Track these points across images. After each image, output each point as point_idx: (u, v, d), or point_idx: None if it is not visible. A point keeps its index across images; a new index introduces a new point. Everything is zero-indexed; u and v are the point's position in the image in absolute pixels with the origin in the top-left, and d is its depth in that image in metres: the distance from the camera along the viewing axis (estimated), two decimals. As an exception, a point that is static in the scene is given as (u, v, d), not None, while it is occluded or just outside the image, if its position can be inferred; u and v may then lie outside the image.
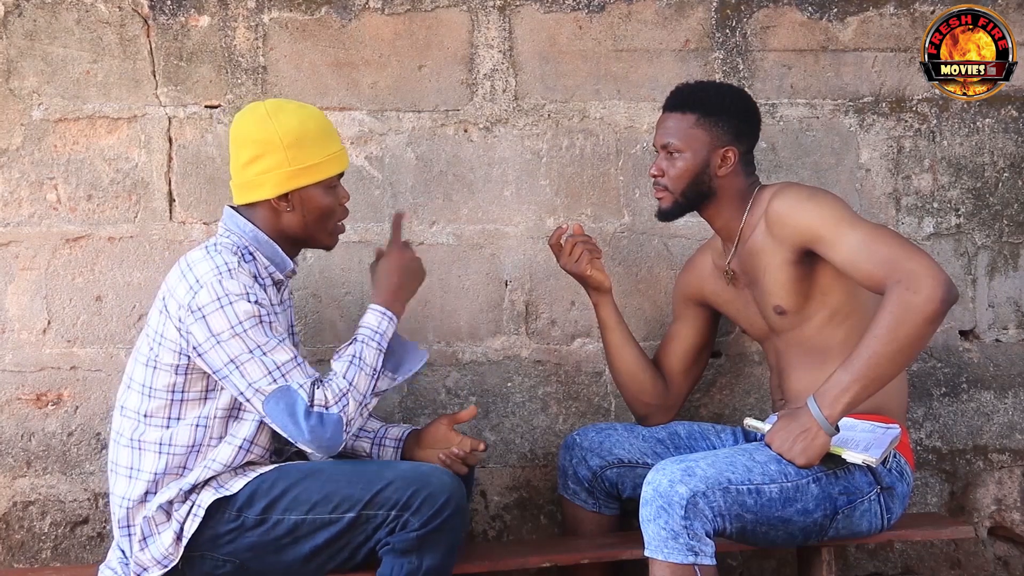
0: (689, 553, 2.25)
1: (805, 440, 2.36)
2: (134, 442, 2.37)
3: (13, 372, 2.87)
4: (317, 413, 2.27)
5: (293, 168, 2.36)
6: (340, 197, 2.45)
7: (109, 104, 2.90)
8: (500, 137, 2.99)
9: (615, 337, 2.77)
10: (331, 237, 2.48)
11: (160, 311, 2.36)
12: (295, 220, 2.40)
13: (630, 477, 2.71)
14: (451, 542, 2.31)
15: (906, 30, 3.07)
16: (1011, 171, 3.11)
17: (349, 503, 2.29)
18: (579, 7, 3.00)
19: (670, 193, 2.61)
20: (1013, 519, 3.11)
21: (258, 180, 2.38)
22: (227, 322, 2.27)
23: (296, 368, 2.30)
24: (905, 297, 2.28)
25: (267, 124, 2.36)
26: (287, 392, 2.28)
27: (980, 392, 3.10)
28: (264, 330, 2.29)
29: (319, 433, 2.27)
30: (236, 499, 2.31)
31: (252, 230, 2.40)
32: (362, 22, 2.96)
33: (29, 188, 2.88)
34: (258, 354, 2.28)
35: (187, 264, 2.35)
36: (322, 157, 2.39)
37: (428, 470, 2.33)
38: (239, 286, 2.29)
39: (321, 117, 2.44)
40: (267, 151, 2.36)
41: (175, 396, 2.35)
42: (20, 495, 2.88)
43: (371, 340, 2.39)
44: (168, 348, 2.33)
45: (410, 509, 2.27)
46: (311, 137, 2.38)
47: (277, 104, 2.43)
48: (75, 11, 2.89)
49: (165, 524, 2.33)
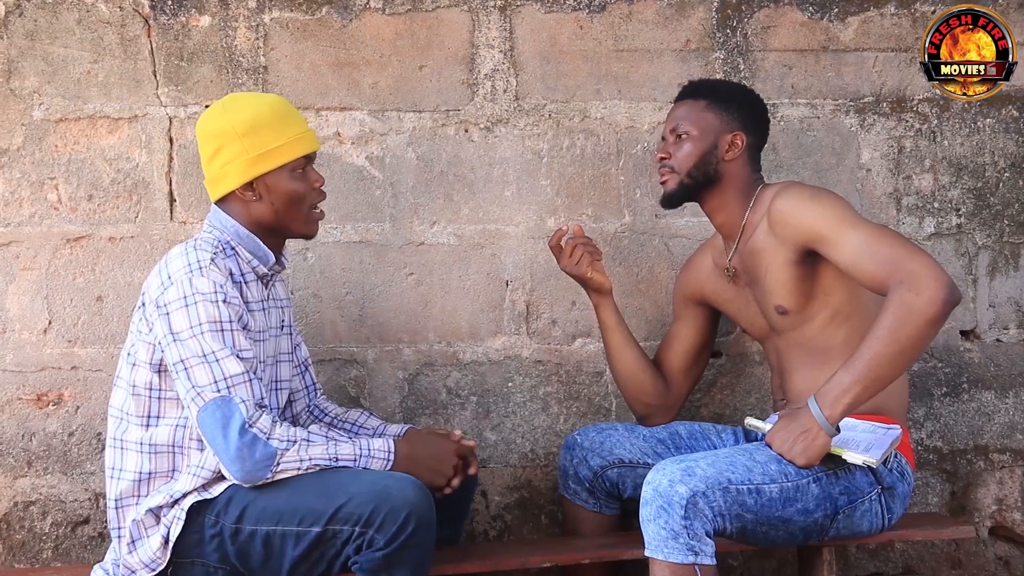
0: (689, 553, 2.25)
1: (806, 440, 2.35)
2: (116, 441, 2.36)
3: (14, 372, 2.87)
4: (253, 434, 2.21)
5: (251, 155, 2.33)
6: (311, 181, 2.40)
7: (110, 104, 2.90)
8: (501, 137, 2.99)
9: (616, 338, 2.76)
10: (307, 225, 2.43)
11: (138, 306, 2.36)
12: (264, 209, 2.37)
13: (631, 477, 2.71)
14: (418, 558, 2.23)
15: (907, 30, 3.07)
16: (1012, 171, 3.11)
17: (313, 517, 2.23)
18: (580, 7, 3.00)
19: (676, 174, 2.60)
20: (1014, 519, 3.11)
21: (221, 173, 2.36)
22: (187, 321, 2.24)
23: (244, 384, 2.24)
24: (907, 298, 2.27)
25: (222, 117, 2.35)
26: (227, 403, 2.22)
27: (981, 392, 3.10)
28: (222, 337, 2.24)
29: (246, 454, 2.20)
30: (216, 503, 2.28)
31: (233, 224, 2.38)
32: (363, 22, 2.96)
33: (30, 188, 2.88)
34: (210, 359, 2.23)
35: (165, 260, 2.33)
36: (281, 141, 2.35)
37: (391, 484, 2.23)
38: (209, 284, 2.26)
39: (277, 102, 2.41)
40: (224, 142, 2.34)
41: (152, 394, 2.33)
42: (21, 495, 2.89)
43: (358, 448, 2.31)
44: (143, 343, 2.32)
45: (373, 526, 2.20)
46: (265, 123, 2.34)
47: (233, 97, 2.42)
48: (76, 11, 2.89)
49: (154, 528, 2.31)
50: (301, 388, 2.63)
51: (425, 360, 2.98)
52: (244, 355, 2.27)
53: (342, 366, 2.96)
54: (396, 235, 2.97)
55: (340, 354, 2.96)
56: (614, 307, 2.76)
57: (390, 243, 2.97)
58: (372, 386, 2.97)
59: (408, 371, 2.97)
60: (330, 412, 2.64)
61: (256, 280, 2.41)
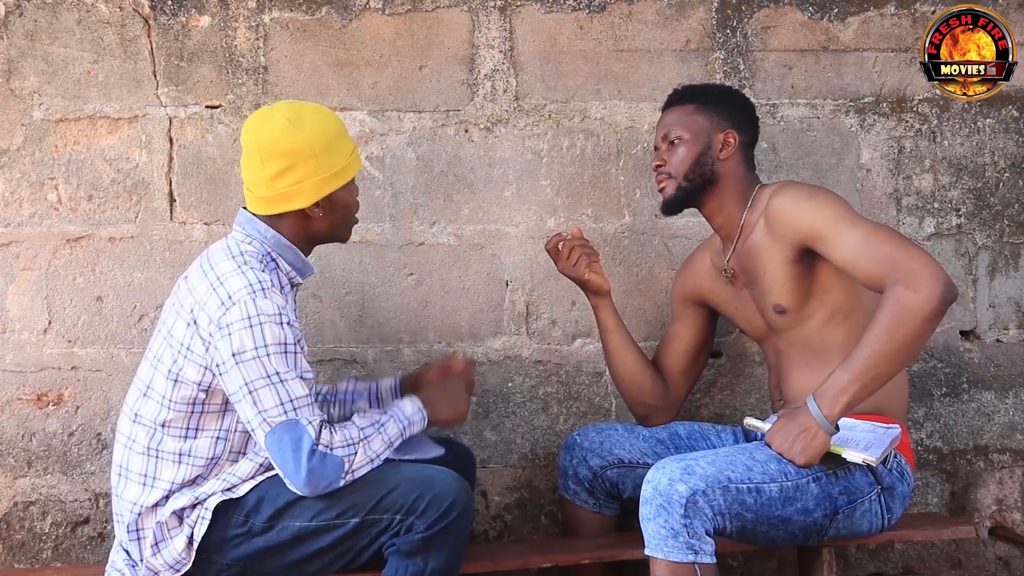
0: (689, 552, 2.25)
1: (805, 439, 2.35)
2: (151, 451, 2.33)
3: (14, 372, 2.87)
4: (321, 452, 2.22)
5: (326, 175, 2.32)
6: (354, 192, 2.44)
7: (110, 104, 2.90)
8: (501, 137, 2.99)
9: (614, 339, 2.76)
10: (350, 231, 2.48)
11: (188, 323, 2.29)
12: (325, 223, 2.38)
13: (630, 477, 2.71)
14: (456, 544, 2.30)
15: (907, 30, 3.07)
16: (1012, 171, 3.11)
17: (354, 509, 2.27)
18: (580, 7, 3.01)
19: (673, 179, 2.61)
20: (1014, 519, 3.10)
21: (292, 191, 2.32)
22: (252, 342, 2.21)
23: (308, 405, 2.24)
24: (904, 296, 2.27)
25: (294, 133, 2.30)
26: (295, 426, 2.21)
27: (981, 392, 3.10)
28: (287, 360, 2.23)
29: (319, 472, 2.22)
30: (244, 503, 2.29)
31: (274, 236, 2.35)
32: (363, 22, 2.96)
33: (30, 188, 2.88)
34: (275, 381, 2.21)
35: (217, 277, 2.28)
36: (347, 159, 2.36)
37: (433, 473, 2.31)
38: (272, 306, 2.23)
39: (335, 117, 2.40)
40: (298, 161, 2.30)
41: (195, 408, 2.31)
42: (21, 495, 2.89)
43: (400, 420, 2.36)
44: (194, 363, 2.28)
45: (415, 512, 2.26)
46: (336, 140, 2.34)
47: (294, 110, 2.35)
48: (76, 11, 2.89)
49: (177, 529, 2.31)
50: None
51: (425, 360, 2.97)
52: (307, 376, 2.27)
53: (342, 366, 2.95)
54: (396, 235, 2.97)
55: (340, 354, 2.96)
56: (613, 308, 2.76)
57: (390, 243, 2.97)
58: (372, 386, 2.96)
59: (408, 371, 2.97)
60: (322, 392, 2.66)
61: (291, 290, 2.41)
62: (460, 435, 2.96)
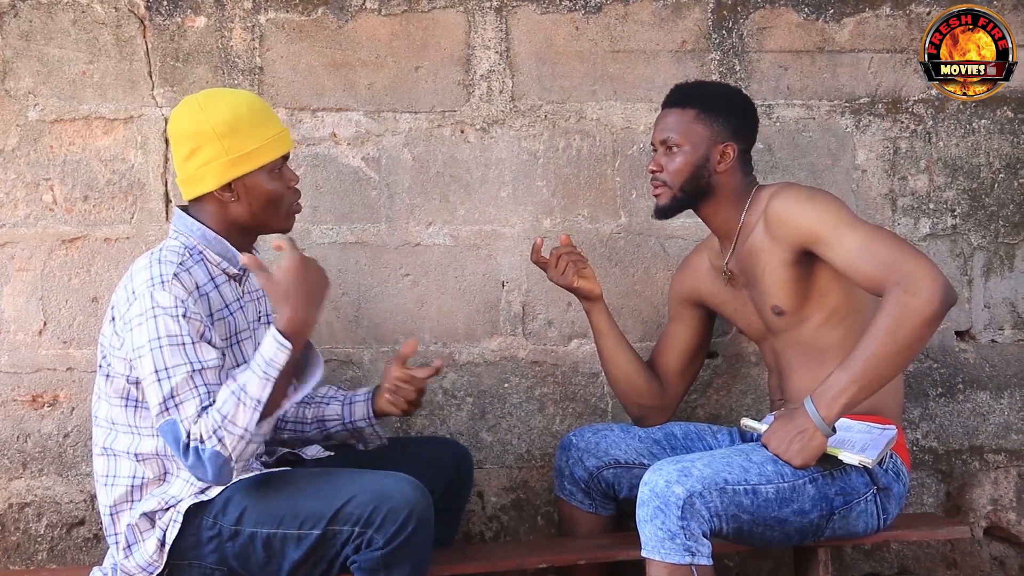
0: (686, 553, 2.25)
1: (802, 441, 2.36)
2: (107, 450, 2.35)
3: (9, 373, 2.87)
4: (194, 448, 2.18)
5: (231, 157, 2.30)
6: (288, 180, 2.38)
7: (105, 105, 2.89)
8: (497, 138, 2.99)
9: (608, 343, 2.76)
10: (286, 221, 2.41)
11: (110, 319, 2.33)
12: (242, 210, 2.34)
13: (627, 478, 2.71)
14: (417, 557, 2.25)
15: (902, 31, 3.08)
16: (1007, 172, 3.11)
17: (314, 519, 2.24)
18: (576, 8, 3.00)
19: (668, 188, 2.60)
20: (1009, 519, 3.11)
21: (199, 174, 2.32)
22: (147, 335, 2.21)
23: (193, 399, 2.19)
24: (904, 299, 2.28)
25: (199, 115, 2.30)
26: (172, 426, 2.19)
27: (976, 393, 3.10)
28: (183, 352, 2.21)
29: (200, 468, 2.18)
30: (213, 505, 2.28)
31: (199, 228, 2.35)
32: (359, 23, 2.95)
33: (25, 189, 2.87)
34: (162, 377, 2.19)
35: (130, 273, 2.30)
36: (260, 142, 2.32)
37: (390, 483, 2.25)
38: (170, 299, 2.22)
39: (255, 101, 2.37)
40: (202, 143, 2.30)
41: (130, 403, 2.33)
42: (16, 497, 2.88)
43: (259, 369, 2.22)
44: (118, 357, 2.31)
45: (373, 526, 2.21)
46: (245, 123, 2.31)
47: (208, 94, 2.37)
48: (71, 12, 2.88)
49: (149, 532, 2.31)
50: None
51: (421, 361, 2.96)
52: (208, 365, 2.22)
53: (338, 367, 2.95)
54: (392, 236, 2.97)
55: (336, 355, 2.95)
56: (606, 312, 2.75)
57: (386, 244, 2.96)
58: (368, 387, 2.96)
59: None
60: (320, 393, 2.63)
61: (228, 280, 2.39)
62: (456, 436, 2.97)
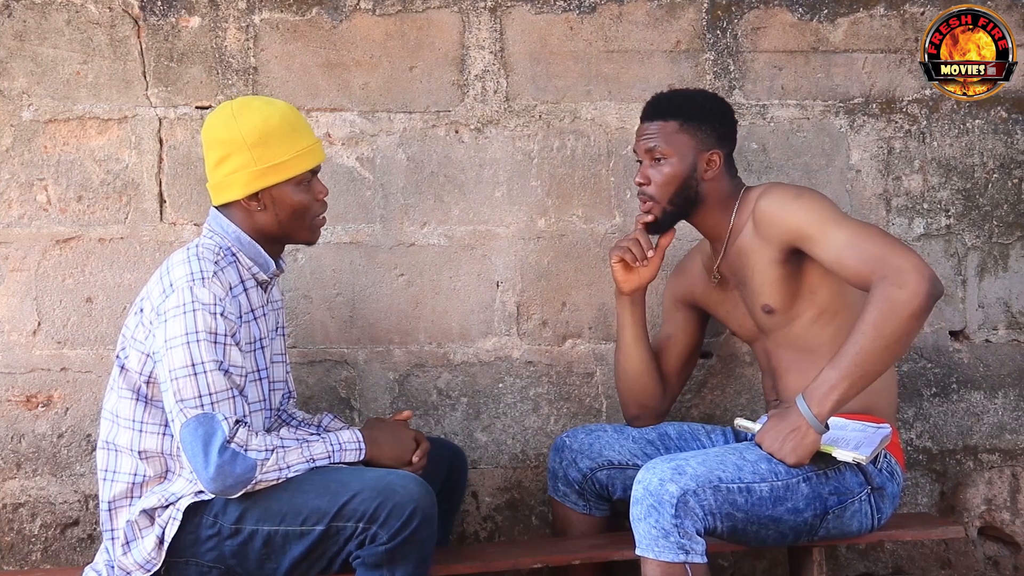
0: (680, 551, 2.25)
1: (795, 439, 2.36)
2: (109, 444, 2.36)
3: (3, 374, 2.86)
4: (232, 450, 2.20)
5: (259, 167, 2.33)
6: (316, 192, 2.41)
7: (99, 105, 2.89)
8: (491, 138, 2.99)
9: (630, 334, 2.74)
10: (311, 232, 2.44)
11: (136, 312, 2.35)
12: (268, 219, 2.37)
13: (620, 479, 2.71)
14: (421, 553, 2.27)
15: (896, 31, 3.08)
16: (1000, 172, 3.12)
17: (317, 515, 2.25)
18: (570, 8, 3.01)
19: (657, 203, 2.59)
20: (1003, 519, 3.11)
21: (227, 181, 2.35)
22: (183, 328, 2.22)
23: (228, 400, 2.23)
24: (890, 293, 2.28)
25: (231, 124, 2.33)
26: (210, 420, 2.20)
27: (970, 392, 3.11)
28: (216, 350, 2.23)
29: (227, 470, 2.19)
30: (213, 504, 2.28)
31: (235, 231, 2.37)
32: (353, 23, 2.96)
33: (19, 189, 2.87)
34: (198, 371, 2.21)
35: (167, 266, 2.32)
36: (290, 154, 2.34)
37: (394, 479, 2.27)
38: (209, 295, 2.25)
39: (288, 113, 2.39)
40: (232, 151, 2.33)
41: (140, 399, 2.33)
42: (10, 497, 2.88)
43: (329, 445, 2.33)
44: (136, 350, 2.32)
45: (377, 521, 2.23)
46: (276, 135, 2.33)
47: (243, 102, 2.39)
48: (65, 12, 2.88)
49: (148, 529, 2.31)
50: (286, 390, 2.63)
51: (416, 361, 2.98)
52: (234, 370, 2.26)
53: (332, 367, 2.95)
54: (386, 236, 2.97)
55: (331, 355, 2.95)
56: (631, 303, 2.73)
57: (380, 244, 2.96)
58: (363, 387, 2.96)
59: (399, 372, 2.97)
60: (297, 416, 2.63)
61: (256, 286, 2.41)
62: (451, 436, 2.96)
